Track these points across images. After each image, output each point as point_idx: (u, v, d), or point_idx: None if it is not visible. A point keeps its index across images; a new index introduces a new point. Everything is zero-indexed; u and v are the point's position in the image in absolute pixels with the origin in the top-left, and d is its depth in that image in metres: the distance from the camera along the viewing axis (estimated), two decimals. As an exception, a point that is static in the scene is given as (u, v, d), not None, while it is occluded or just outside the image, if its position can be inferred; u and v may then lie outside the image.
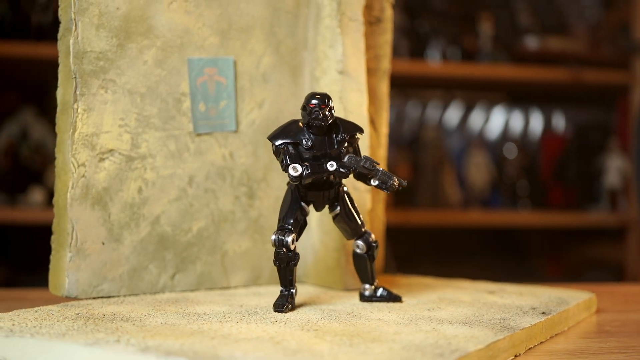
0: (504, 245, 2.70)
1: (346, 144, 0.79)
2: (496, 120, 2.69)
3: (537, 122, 2.70)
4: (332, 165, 0.77)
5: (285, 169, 0.76)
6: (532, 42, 2.41)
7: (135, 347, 0.59)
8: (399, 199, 2.30)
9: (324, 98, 0.77)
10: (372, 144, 0.98)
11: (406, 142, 2.50)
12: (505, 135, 2.67)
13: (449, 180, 2.45)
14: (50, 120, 2.28)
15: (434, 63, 2.33)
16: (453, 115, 2.66)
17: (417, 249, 2.49)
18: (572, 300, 0.87)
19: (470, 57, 2.39)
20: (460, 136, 2.65)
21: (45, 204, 2.05)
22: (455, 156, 2.57)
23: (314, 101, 0.76)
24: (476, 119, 2.68)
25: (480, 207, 2.48)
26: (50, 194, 2.07)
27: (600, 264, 2.64)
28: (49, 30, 2.07)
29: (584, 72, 2.36)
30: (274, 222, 0.95)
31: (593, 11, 2.60)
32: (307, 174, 0.76)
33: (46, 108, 2.31)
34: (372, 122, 0.99)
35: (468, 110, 2.68)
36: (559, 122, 2.71)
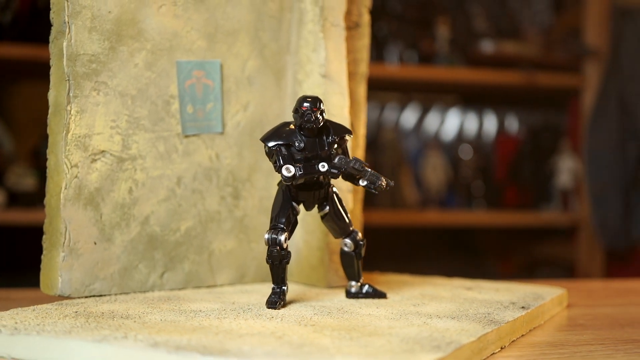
0: (460, 244, 2.75)
1: (335, 146, 0.81)
2: (451, 122, 2.74)
3: (491, 124, 2.76)
4: (323, 166, 0.79)
5: (278, 169, 0.78)
6: (487, 46, 2.46)
7: (144, 343, 0.61)
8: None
9: (316, 101, 0.79)
10: (351, 146, 1.00)
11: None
12: (460, 137, 2.72)
13: (407, 181, 2.49)
14: (5, 120, 2.26)
15: (392, 66, 2.37)
16: (410, 117, 2.71)
17: (376, 249, 2.52)
18: (547, 295, 0.91)
19: (427, 60, 2.43)
20: (416, 138, 2.69)
21: (4, 205, 2.03)
22: (412, 157, 2.61)
23: (305, 104, 0.78)
24: (432, 120, 2.73)
25: (436, 207, 2.53)
26: (10, 195, 2.05)
27: (552, 262, 2.71)
28: (8, 30, 2.05)
29: (537, 75, 2.43)
30: (258, 222, 0.97)
31: (545, 16, 2.67)
32: (299, 175, 0.77)
33: (1, 108, 2.29)
34: (351, 125, 1.01)
35: (424, 112, 2.73)
36: (513, 124, 2.78)
